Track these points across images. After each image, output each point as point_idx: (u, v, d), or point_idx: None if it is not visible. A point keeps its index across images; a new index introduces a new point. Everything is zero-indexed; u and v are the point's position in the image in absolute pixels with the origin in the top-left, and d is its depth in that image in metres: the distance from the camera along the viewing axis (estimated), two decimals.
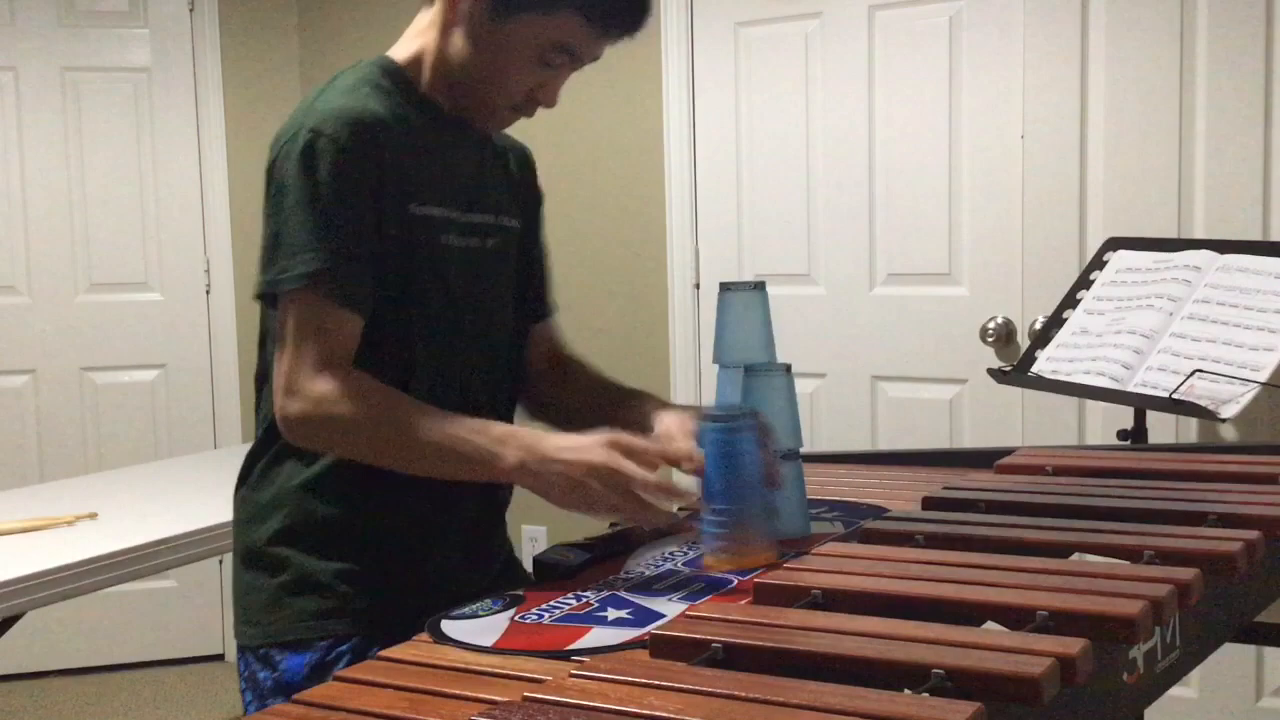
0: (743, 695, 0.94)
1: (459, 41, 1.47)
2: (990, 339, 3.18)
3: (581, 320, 3.81)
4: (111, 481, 3.09)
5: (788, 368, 1.53)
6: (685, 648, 1.06)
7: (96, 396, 4.22)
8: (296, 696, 1.10)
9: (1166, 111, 2.89)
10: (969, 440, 3.23)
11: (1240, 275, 2.38)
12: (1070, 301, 2.62)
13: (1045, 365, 2.54)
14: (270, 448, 1.52)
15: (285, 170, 1.42)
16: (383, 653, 1.20)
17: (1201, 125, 2.86)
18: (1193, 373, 2.25)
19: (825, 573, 1.23)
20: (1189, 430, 2.86)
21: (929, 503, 1.56)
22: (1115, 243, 2.68)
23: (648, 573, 1.41)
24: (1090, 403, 2.94)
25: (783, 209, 3.50)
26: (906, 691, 0.94)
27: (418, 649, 1.21)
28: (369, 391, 1.42)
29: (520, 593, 1.38)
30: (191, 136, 4.22)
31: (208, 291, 4.25)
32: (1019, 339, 3.13)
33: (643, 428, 1.50)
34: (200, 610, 4.27)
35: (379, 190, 1.43)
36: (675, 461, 1.42)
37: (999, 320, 3.17)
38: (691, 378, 3.65)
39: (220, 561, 4.16)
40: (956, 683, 0.93)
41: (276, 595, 1.49)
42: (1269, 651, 2.88)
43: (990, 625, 1.08)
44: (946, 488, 1.61)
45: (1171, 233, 2.87)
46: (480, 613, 1.31)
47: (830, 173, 3.42)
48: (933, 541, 1.35)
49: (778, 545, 1.42)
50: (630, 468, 1.36)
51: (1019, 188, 3.11)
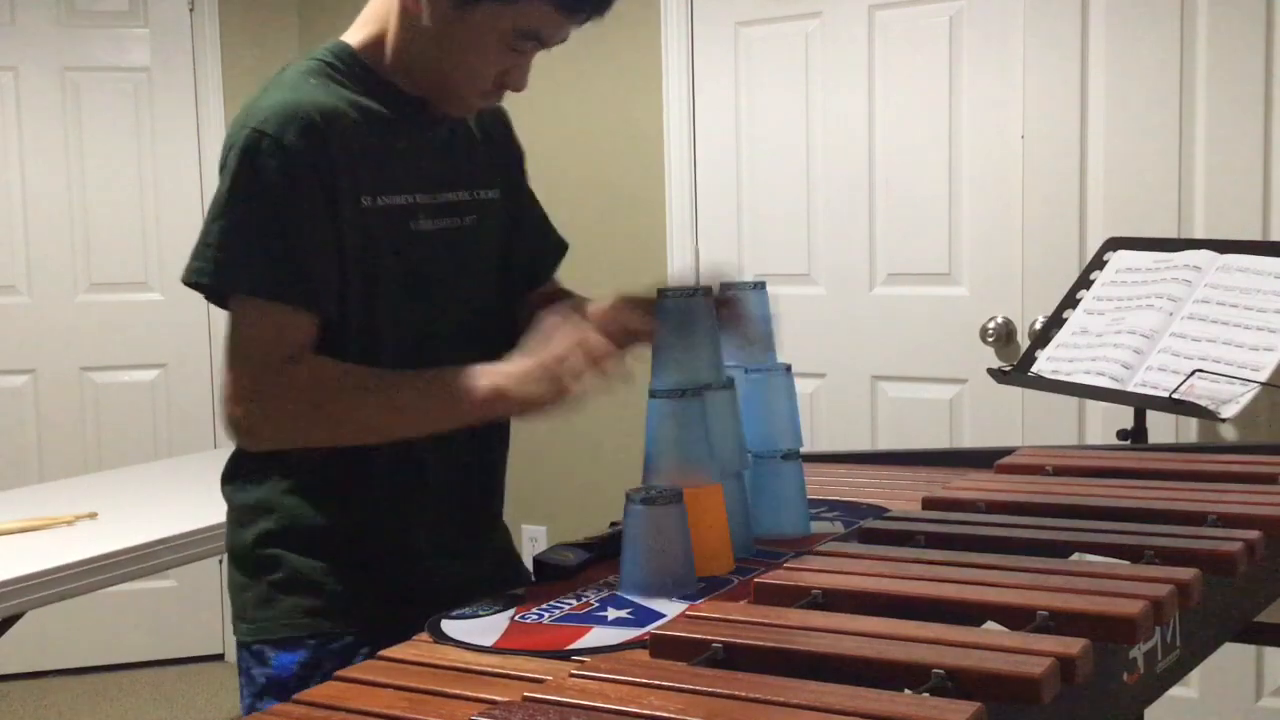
0: (743, 695, 0.94)
1: (422, 28, 1.42)
2: (990, 339, 3.18)
3: None
4: (111, 481, 3.09)
5: (788, 367, 1.53)
6: (685, 648, 1.06)
7: (96, 396, 4.22)
8: (297, 696, 1.10)
9: (1166, 111, 2.89)
10: (969, 440, 3.23)
11: (1240, 275, 2.38)
12: (1070, 301, 2.62)
13: (1045, 365, 2.54)
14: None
15: (227, 171, 1.40)
16: (383, 653, 1.20)
17: (1201, 125, 2.86)
18: (1193, 373, 2.25)
19: (825, 573, 1.23)
20: (1189, 430, 2.86)
21: (929, 503, 1.56)
22: (1115, 243, 2.67)
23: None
24: (1090, 403, 2.94)
25: (783, 209, 3.50)
26: (907, 691, 0.94)
27: (418, 649, 1.21)
28: (317, 374, 1.40)
29: (520, 592, 1.38)
30: (191, 136, 4.21)
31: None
32: (1019, 339, 3.13)
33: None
34: (200, 610, 4.27)
35: (330, 186, 1.40)
36: (633, 331, 1.42)
37: (999, 320, 3.17)
38: None
39: (220, 561, 4.14)
40: (957, 683, 0.93)
41: (268, 593, 1.49)
42: (1269, 651, 2.88)
43: (990, 625, 1.08)
44: (946, 488, 1.61)
45: (1171, 233, 2.87)
46: (480, 612, 1.31)
47: (830, 172, 3.42)
48: (933, 541, 1.35)
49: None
50: (595, 339, 1.36)
51: (1019, 188, 3.10)
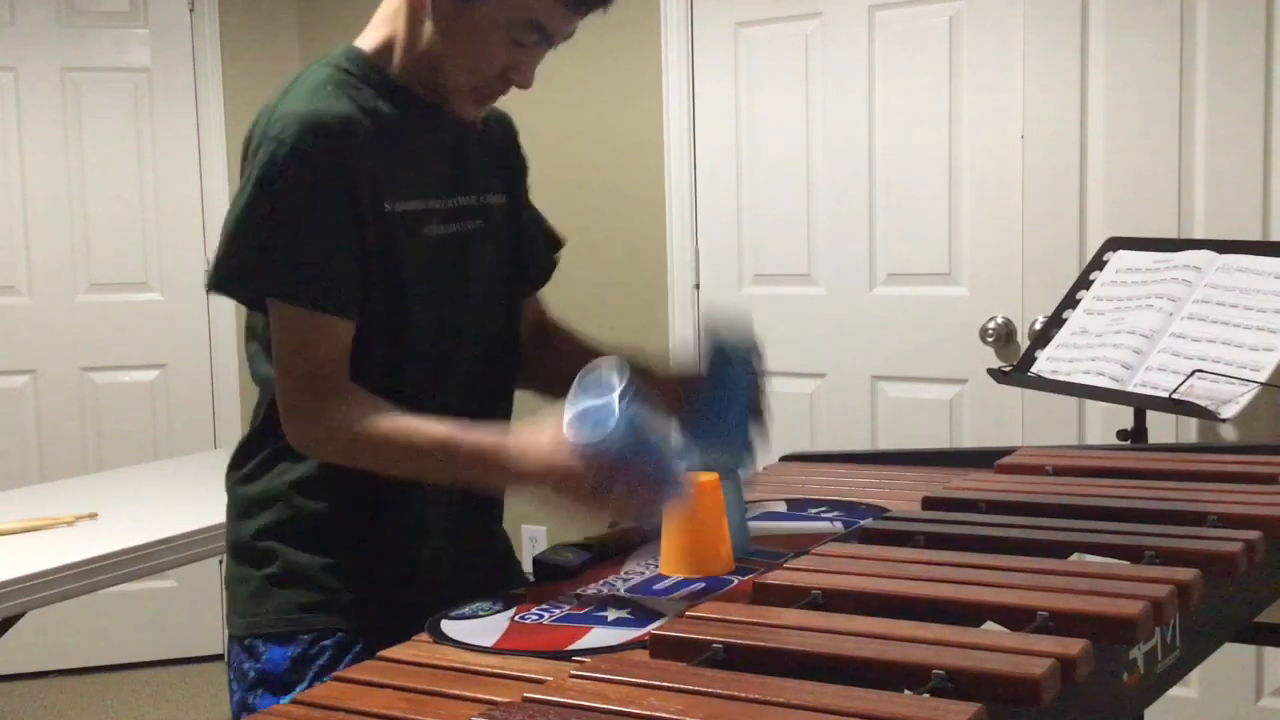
0: (743, 695, 0.94)
1: (428, 25, 1.43)
2: (990, 339, 3.18)
3: (581, 320, 3.78)
4: (111, 481, 3.09)
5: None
6: (685, 648, 1.06)
7: (96, 396, 4.22)
8: (297, 697, 1.10)
9: (1166, 111, 2.89)
10: (969, 440, 3.23)
11: (1240, 275, 2.38)
12: (1070, 301, 2.62)
13: (1045, 365, 2.54)
14: (264, 444, 1.51)
15: (251, 180, 1.41)
16: (383, 653, 1.20)
17: (1201, 125, 2.86)
18: (1193, 373, 2.25)
19: (825, 573, 1.23)
20: (1189, 430, 2.86)
21: (929, 503, 1.56)
22: (1115, 243, 2.67)
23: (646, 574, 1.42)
24: (1090, 403, 2.94)
25: (783, 209, 3.50)
26: (906, 692, 0.94)
27: (418, 649, 1.21)
28: (356, 411, 1.40)
29: (520, 592, 1.38)
30: (191, 136, 4.21)
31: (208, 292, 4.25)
32: (1019, 339, 3.13)
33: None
34: (200, 610, 4.27)
35: (353, 193, 1.41)
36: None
37: (999, 320, 3.17)
38: None
39: (220, 561, 4.14)
40: (956, 683, 0.93)
41: (263, 586, 1.48)
42: (1269, 651, 2.88)
43: (990, 625, 1.08)
44: (946, 488, 1.61)
45: (1171, 233, 2.87)
46: (480, 613, 1.31)
47: (830, 173, 3.42)
48: (933, 541, 1.35)
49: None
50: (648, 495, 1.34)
51: (1019, 188, 3.10)
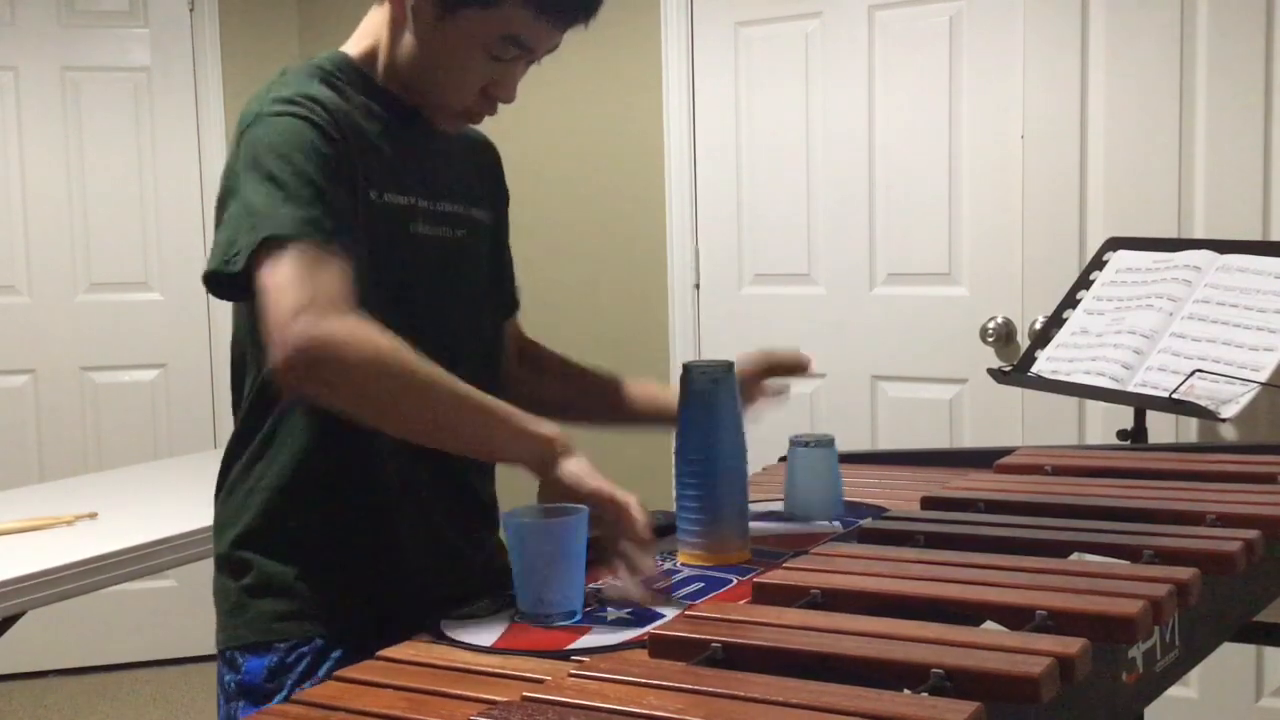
0: (742, 695, 0.94)
1: (409, 39, 1.44)
2: (990, 339, 3.18)
3: (581, 320, 3.81)
4: (111, 481, 3.09)
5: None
6: (684, 647, 1.06)
7: (96, 396, 4.22)
8: (296, 696, 1.10)
9: (1166, 111, 2.89)
10: (969, 440, 3.23)
11: (1240, 275, 2.38)
12: (1070, 301, 2.62)
13: (1045, 365, 2.54)
14: (241, 454, 1.49)
15: (241, 152, 1.37)
16: (382, 652, 1.20)
17: (1201, 125, 2.86)
18: (1193, 373, 2.25)
19: (825, 572, 1.23)
20: (1189, 430, 2.86)
21: (929, 502, 1.56)
22: (1115, 243, 2.67)
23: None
24: (1090, 403, 2.94)
25: (783, 209, 3.50)
26: (906, 691, 0.94)
27: (417, 649, 1.21)
28: (382, 331, 1.30)
29: None
30: (191, 136, 4.22)
31: (208, 291, 4.24)
32: (1019, 339, 3.13)
33: (618, 410, 1.68)
34: (200, 610, 4.21)
35: (349, 166, 1.39)
36: None
37: (999, 320, 3.17)
38: None
39: None
40: (956, 682, 0.93)
41: (240, 598, 1.46)
42: (1269, 651, 2.87)
43: (989, 625, 1.08)
44: (946, 488, 1.61)
45: (1171, 233, 2.87)
46: (479, 613, 1.31)
47: (830, 172, 3.42)
48: (932, 541, 1.35)
49: (750, 543, 1.45)
50: (638, 525, 1.34)
51: (1019, 188, 3.10)
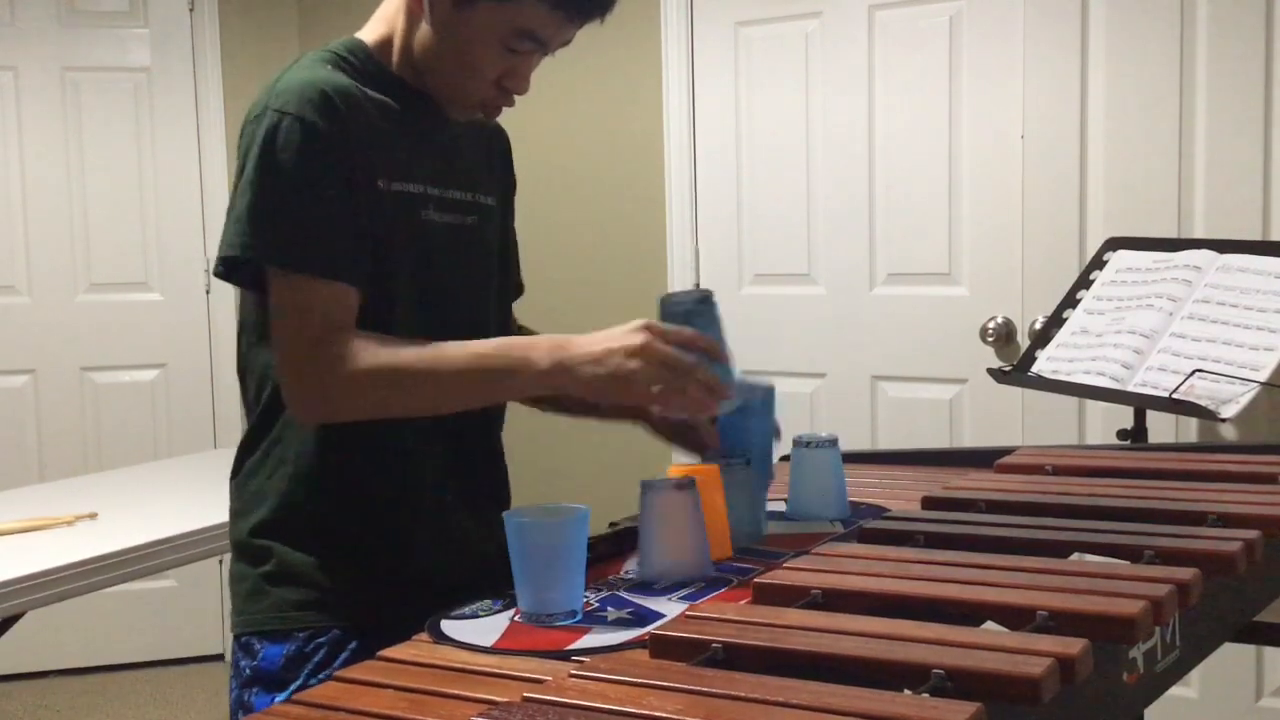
0: (742, 695, 0.94)
1: (425, 29, 1.45)
2: (990, 339, 3.18)
3: (582, 321, 3.80)
4: (111, 481, 3.09)
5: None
6: (685, 648, 1.06)
7: (96, 396, 4.22)
8: (296, 696, 1.10)
9: (1166, 111, 2.89)
10: (969, 440, 3.23)
11: (1240, 275, 2.38)
12: (1070, 301, 2.62)
13: (1045, 365, 2.54)
14: (259, 441, 1.51)
15: (252, 152, 1.41)
16: (383, 653, 1.20)
17: (1201, 125, 2.86)
18: (1193, 372, 2.25)
19: (825, 572, 1.23)
20: (1189, 430, 2.86)
21: (929, 502, 1.56)
22: (1115, 242, 2.67)
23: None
24: (1090, 403, 2.94)
25: (783, 209, 3.50)
26: (906, 692, 0.94)
27: (417, 649, 1.21)
28: (375, 348, 1.38)
29: None
30: (191, 136, 4.22)
31: (208, 291, 4.25)
32: (1019, 339, 3.13)
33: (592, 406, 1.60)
34: (200, 610, 4.27)
35: (350, 164, 1.41)
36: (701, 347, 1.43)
37: (999, 320, 3.17)
38: None
39: (220, 561, 4.15)
40: (956, 683, 0.93)
41: (258, 584, 1.48)
42: (1269, 651, 2.88)
43: (990, 625, 1.08)
44: (946, 487, 1.61)
45: (1171, 233, 2.87)
46: (480, 613, 1.31)
47: (830, 173, 3.42)
48: (933, 541, 1.35)
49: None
50: (671, 351, 1.35)
51: (1019, 188, 3.10)
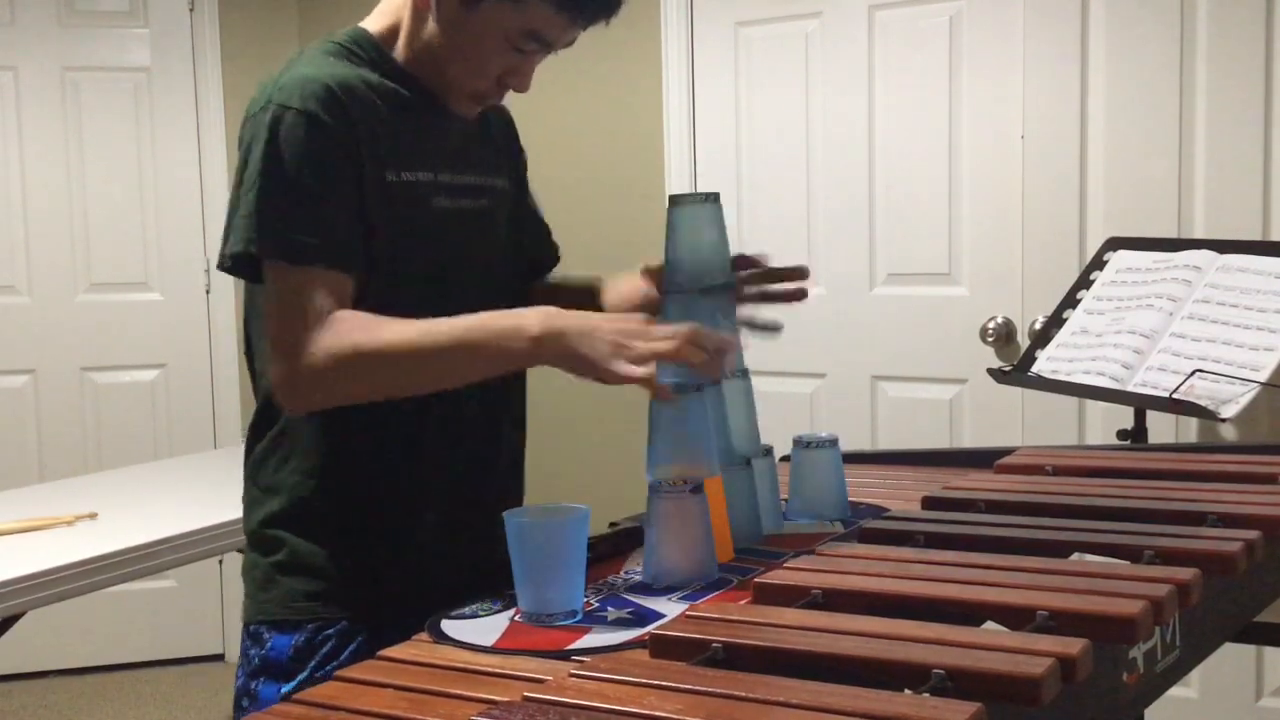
0: (742, 695, 0.94)
1: (430, 25, 1.46)
2: (990, 339, 3.18)
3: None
4: (111, 481, 3.09)
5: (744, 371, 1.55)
6: (685, 648, 1.06)
7: (96, 396, 4.22)
8: (296, 696, 1.10)
9: (1166, 111, 2.89)
10: (969, 440, 3.23)
11: (1240, 275, 2.38)
12: (1070, 301, 2.62)
13: (1045, 365, 2.54)
14: (268, 429, 1.51)
15: (255, 148, 1.41)
16: (382, 652, 1.20)
17: (1201, 125, 2.86)
18: (1193, 373, 2.25)
19: (825, 572, 1.23)
20: (1189, 430, 2.86)
21: (929, 502, 1.56)
22: (1115, 243, 2.67)
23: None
24: (1090, 403, 2.94)
25: (783, 209, 3.50)
26: (907, 691, 0.94)
27: (418, 648, 1.21)
28: (362, 322, 1.37)
29: None
30: (191, 136, 4.22)
31: (208, 291, 4.25)
32: (1019, 339, 3.13)
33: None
34: (200, 610, 4.27)
35: (355, 156, 1.41)
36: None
37: (999, 320, 3.17)
38: None
39: (220, 561, 4.16)
40: (957, 683, 0.93)
41: (269, 573, 1.49)
42: (1269, 651, 2.88)
43: (990, 625, 1.08)
44: (946, 488, 1.61)
45: (1171, 233, 2.87)
46: (480, 612, 1.31)
47: (830, 172, 3.42)
48: (932, 541, 1.35)
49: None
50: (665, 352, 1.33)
51: (1019, 188, 3.10)
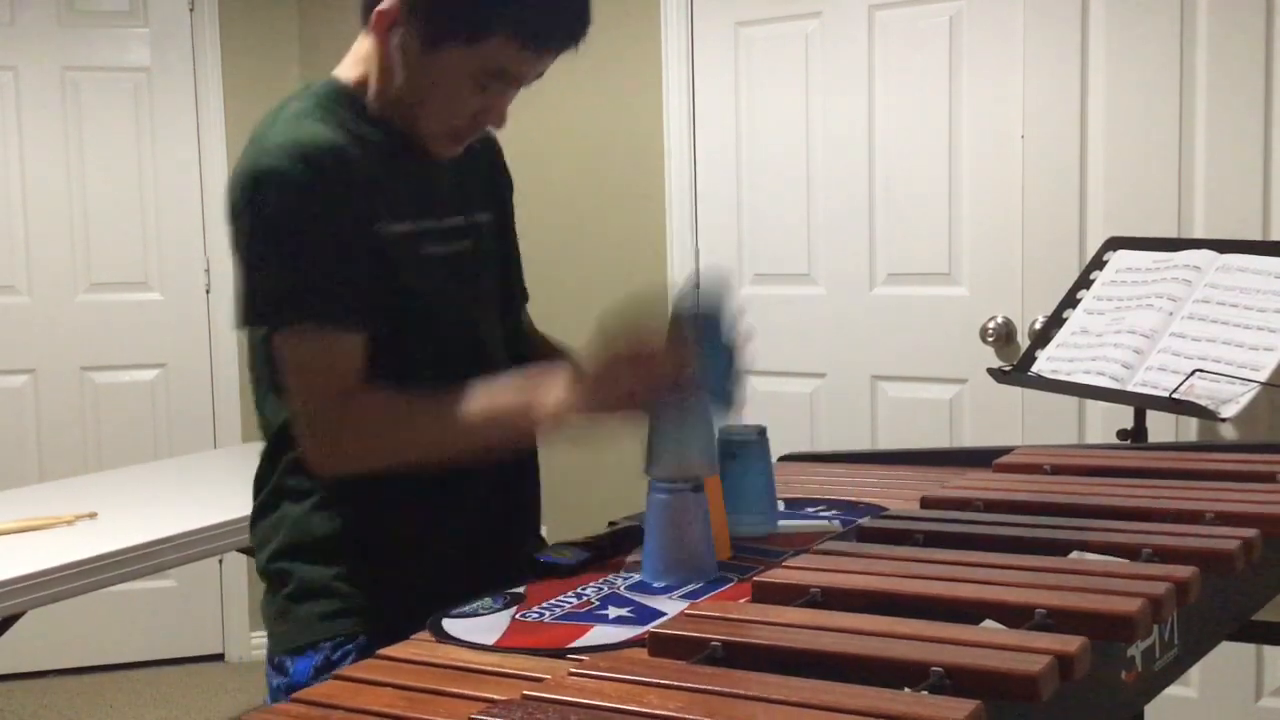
0: (742, 693, 0.94)
1: (396, 73, 1.47)
2: (990, 339, 3.18)
3: (581, 320, 3.80)
4: (111, 481, 3.09)
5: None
6: (684, 646, 1.06)
7: (96, 396, 4.22)
8: (295, 695, 1.10)
9: (1166, 111, 2.89)
10: (969, 440, 3.23)
11: (1240, 275, 2.38)
12: (1070, 301, 2.62)
13: (1045, 365, 2.54)
14: (271, 472, 1.54)
15: (243, 220, 1.43)
16: (382, 651, 1.20)
17: (1201, 125, 2.86)
18: (1193, 372, 2.25)
19: (824, 571, 1.23)
20: (1189, 430, 2.86)
21: (928, 502, 1.56)
22: (1115, 242, 2.68)
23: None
24: (1090, 403, 2.94)
25: (783, 209, 3.50)
26: (906, 690, 0.94)
27: (418, 647, 1.21)
28: (387, 407, 1.43)
29: (521, 591, 1.38)
30: (191, 136, 4.22)
31: (208, 291, 4.25)
32: (1019, 339, 3.13)
33: None
34: (200, 610, 4.27)
35: (344, 215, 1.42)
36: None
37: (999, 320, 3.17)
38: None
39: (220, 561, 4.16)
40: (955, 681, 0.94)
41: (284, 606, 1.51)
42: (1269, 651, 2.88)
43: (989, 623, 1.08)
44: (945, 487, 1.61)
45: (1171, 233, 2.87)
46: (481, 611, 1.31)
47: (830, 173, 3.42)
48: (931, 540, 1.35)
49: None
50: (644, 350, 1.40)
51: (1019, 188, 3.10)
